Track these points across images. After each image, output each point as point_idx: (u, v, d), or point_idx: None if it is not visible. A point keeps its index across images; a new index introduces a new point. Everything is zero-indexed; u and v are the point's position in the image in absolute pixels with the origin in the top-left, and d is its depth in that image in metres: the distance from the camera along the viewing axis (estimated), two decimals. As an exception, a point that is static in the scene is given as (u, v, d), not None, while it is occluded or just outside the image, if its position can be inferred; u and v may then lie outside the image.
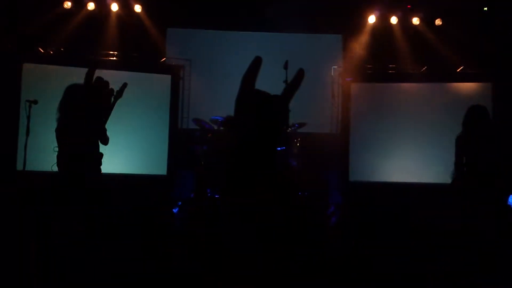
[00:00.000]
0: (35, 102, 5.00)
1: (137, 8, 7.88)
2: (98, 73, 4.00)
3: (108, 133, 4.23)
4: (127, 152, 7.48)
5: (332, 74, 8.24)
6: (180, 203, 6.70)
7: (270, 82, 7.89)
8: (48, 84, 6.92)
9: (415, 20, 7.91)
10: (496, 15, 7.47)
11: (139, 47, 7.99)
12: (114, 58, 7.85)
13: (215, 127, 6.92)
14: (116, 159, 7.57)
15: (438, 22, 7.83)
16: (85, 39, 7.72)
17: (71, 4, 7.65)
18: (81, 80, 3.99)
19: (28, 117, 4.90)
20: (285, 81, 6.15)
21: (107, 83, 4.08)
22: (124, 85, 4.30)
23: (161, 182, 7.56)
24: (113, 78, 7.60)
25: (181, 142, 7.74)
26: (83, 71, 4.03)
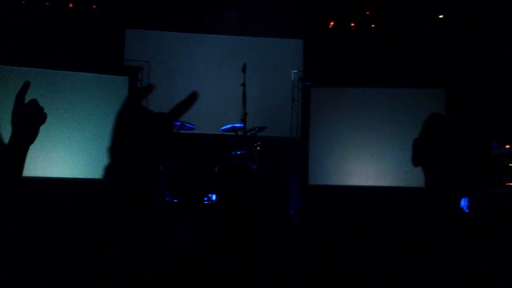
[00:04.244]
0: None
1: (94, 7, 7.70)
2: (53, 75, 3.86)
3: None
4: (84, 156, 7.26)
5: (292, 78, 8.30)
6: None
7: (228, 85, 7.87)
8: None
9: (373, 27, 8.11)
10: (451, 22, 7.74)
11: (96, 48, 7.80)
12: (70, 59, 7.61)
13: (174, 131, 6.84)
14: (73, 164, 7.35)
15: (395, 28, 8.04)
16: (40, 38, 7.47)
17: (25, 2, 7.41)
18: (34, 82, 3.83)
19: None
20: (243, 84, 6.17)
21: (41, 109, 3.86)
22: None
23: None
24: (70, 79, 7.46)
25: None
26: (37, 72, 3.89)
